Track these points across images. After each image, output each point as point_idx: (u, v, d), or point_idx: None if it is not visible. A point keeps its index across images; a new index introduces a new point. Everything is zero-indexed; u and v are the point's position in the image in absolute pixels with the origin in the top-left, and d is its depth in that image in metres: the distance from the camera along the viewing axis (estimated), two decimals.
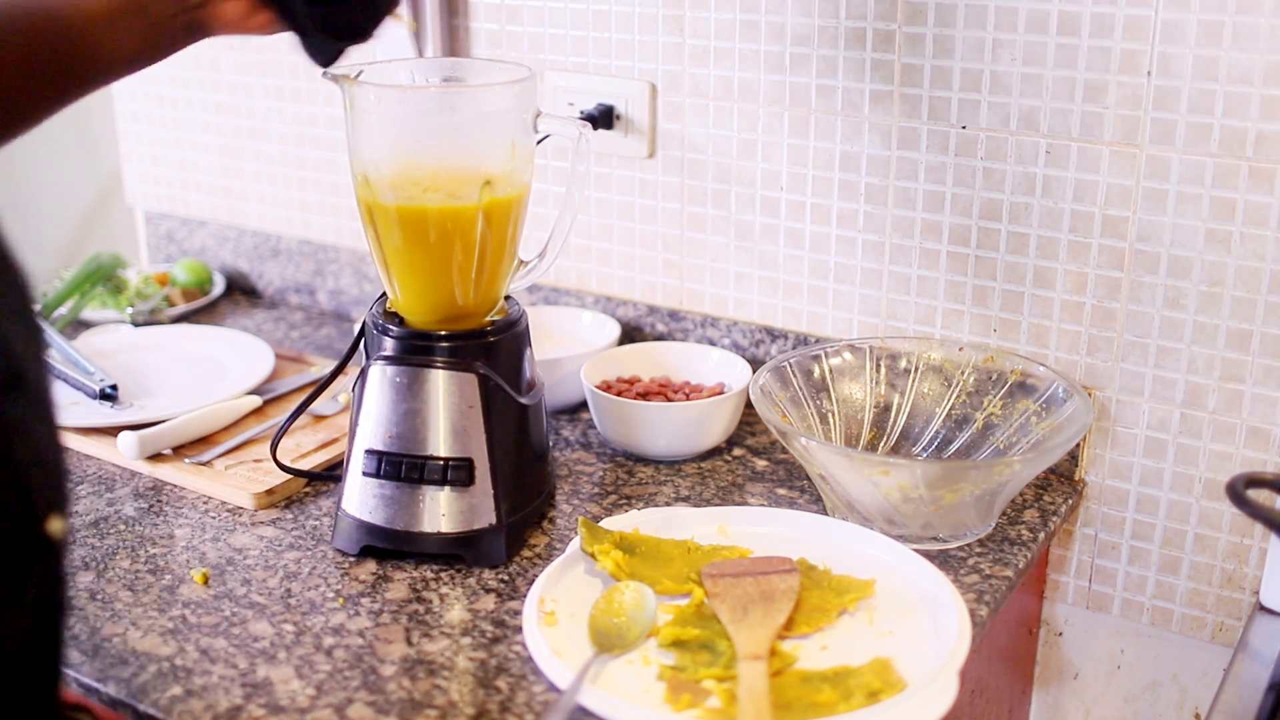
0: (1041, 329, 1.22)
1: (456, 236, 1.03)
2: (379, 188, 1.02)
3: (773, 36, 1.27)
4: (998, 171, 1.20)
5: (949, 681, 0.86)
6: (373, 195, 1.03)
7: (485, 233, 1.03)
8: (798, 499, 1.18)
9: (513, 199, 1.05)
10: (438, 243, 1.03)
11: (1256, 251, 1.10)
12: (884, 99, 1.24)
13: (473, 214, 1.02)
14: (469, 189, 1.02)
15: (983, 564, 1.07)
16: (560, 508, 1.16)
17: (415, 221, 1.02)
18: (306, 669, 0.93)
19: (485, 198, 1.02)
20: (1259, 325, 1.12)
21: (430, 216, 1.02)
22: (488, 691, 0.90)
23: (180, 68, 1.73)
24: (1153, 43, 1.10)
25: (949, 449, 1.20)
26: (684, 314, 1.42)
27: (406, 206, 1.02)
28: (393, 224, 1.03)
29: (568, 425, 1.33)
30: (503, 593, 1.02)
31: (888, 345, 1.24)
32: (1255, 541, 1.17)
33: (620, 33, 1.36)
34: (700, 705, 0.85)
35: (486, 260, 1.05)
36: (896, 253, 1.27)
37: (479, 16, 1.45)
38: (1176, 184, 1.12)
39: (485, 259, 1.05)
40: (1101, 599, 1.26)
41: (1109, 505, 1.23)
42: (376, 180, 1.02)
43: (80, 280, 1.63)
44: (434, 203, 1.02)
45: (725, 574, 0.98)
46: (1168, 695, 1.26)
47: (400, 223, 1.03)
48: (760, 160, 1.32)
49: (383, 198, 1.02)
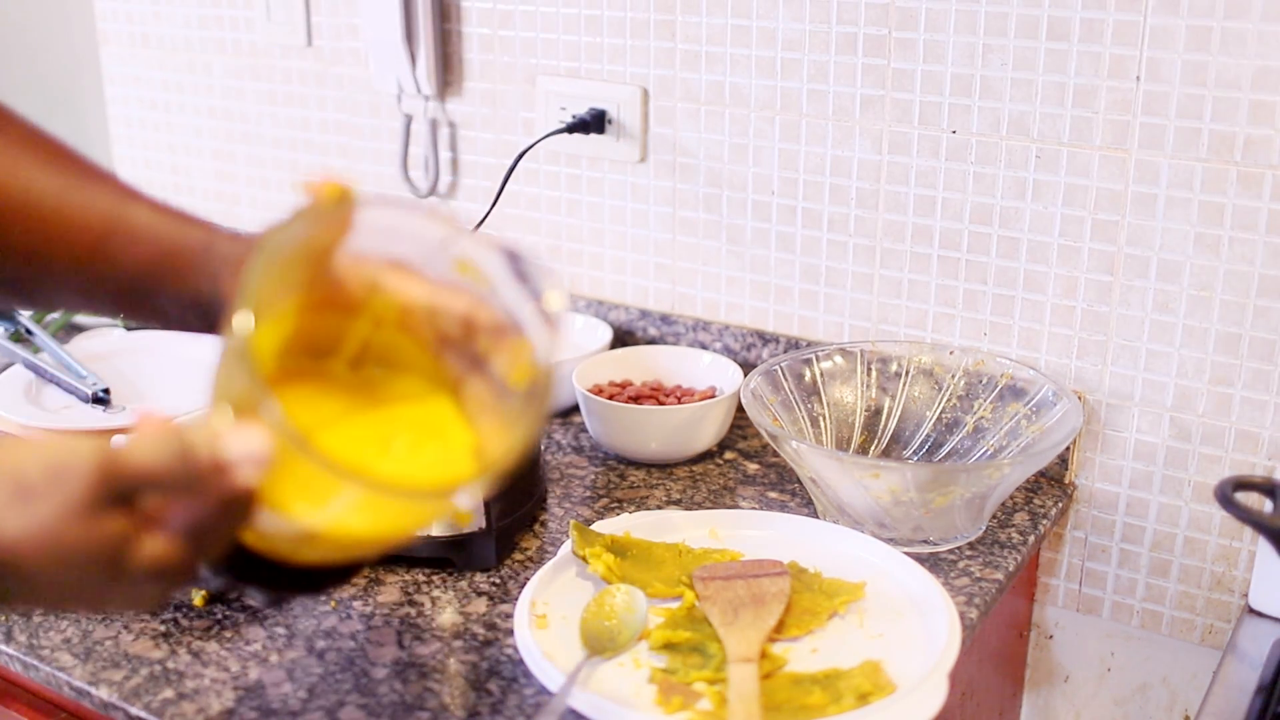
0: (1032, 333, 1.22)
1: None
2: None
3: (764, 41, 1.28)
4: (988, 176, 1.20)
5: (939, 684, 0.86)
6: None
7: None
8: (789, 502, 1.19)
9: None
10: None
11: (1245, 256, 1.10)
12: (875, 104, 1.24)
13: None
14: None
15: (973, 567, 1.07)
16: (552, 511, 1.16)
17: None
18: (298, 672, 0.93)
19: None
20: (1248, 329, 1.12)
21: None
22: (479, 694, 0.90)
23: (173, 72, 1.74)
24: (1142, 48, 1.10)
25: (939, 452, 1.20)
26: (675, 318, 1.42)
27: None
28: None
29: (559, 429, 1.33)
30: (494, 596, 1.02)
31: (879, 349, 1.24)
32: (1244, 544, 1.17)
33: (612, 37, 1.37)
34: (691, 708, 0.85)
35: None
36: (888, 257, 1.28)
37: (471, 21, 1.45)
38: (1166, 188, 1.12)
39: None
40: (1092, 602, 1.27)
41: (1099, 508, 1.23)
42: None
43: None
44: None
45: (716, 577, 0.98)
46: (1158, 698, 1.26)
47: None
48: (752, 165, 1.33)
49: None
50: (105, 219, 0.76)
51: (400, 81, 1.50)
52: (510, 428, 0.61)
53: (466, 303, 0.67)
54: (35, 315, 1.56)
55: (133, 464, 0.57)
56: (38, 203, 0.76)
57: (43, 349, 1.43)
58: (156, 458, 0.57)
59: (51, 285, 0.79)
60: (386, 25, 1.46)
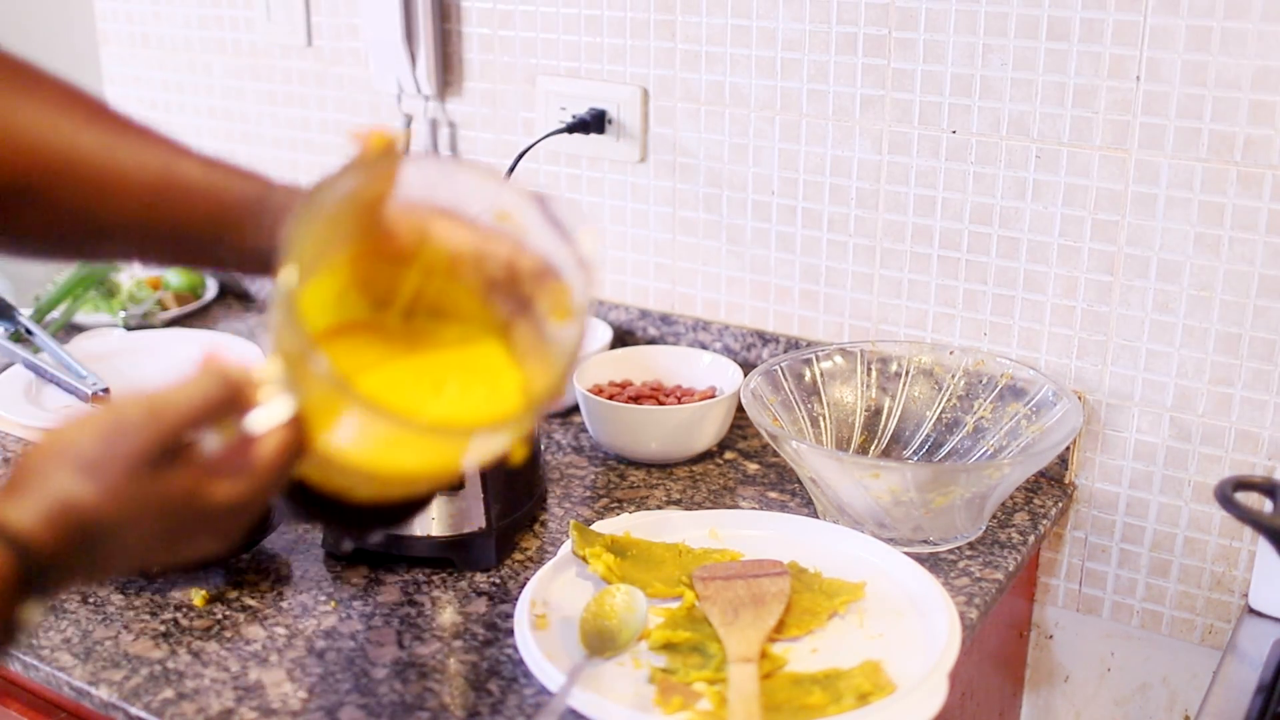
0: (1032, 333, 1.22)
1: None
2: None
3: (764, 41, 1.28)
4: (988, 176, 1.20)
5: (939, 684, 0.86)
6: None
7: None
8: (789, 502, 1.19)
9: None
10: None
11: (1245, 256, 1.10)
12: (875, 104, 1.24)
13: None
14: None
15: (973, 567, 1.07)
16: (552, 511, 1.16)
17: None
18: (298, 672, 0.93)
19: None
20: (1248, 329, 1.12)
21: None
22: (479, 694, 0.90)
23: (173, 72, 1.73)
24: (1142, 48, 1.10)
25: (939, 452, 1.20)
26: (675, 318, 1.42)
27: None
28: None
29: (560, 429, 1.33)
30: (494, 596, 1.02)
31: (879, 349, 1.24)
32: (1244, 544, 1.17)
33: (612, 37, 1.37)
34: (691, 708, 0.85)
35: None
36: (888, 257, 1.28)
37: (471, 21, 1.45)
38: (1166, 188, 1.12)
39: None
40: (1092, 602, 1.27)
41: (1099, 508, 1.23)
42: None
43: (73, 284, 1.63)
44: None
45: (716, 577, 0.98)
46: (1158, 697, 1.26)
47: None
48: (752, 165, 1.33)
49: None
50: (157, 175, 0.78)
51: (400, 81, 1.50)
52: (554, 365, 0.66)
53: (510, 249, 0.70)
54: (35, 315, 1.56)
55: (181, 407, 0.61)
56: (86, 161, 0.77)
57: (43, 349, 1.43)
58: (205, 396, 0.61)
59: (107, 241, 0.80)
60: (386, 25, 1.46)
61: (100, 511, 0.60)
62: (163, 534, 0.62)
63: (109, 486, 0.59)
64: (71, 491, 0.59)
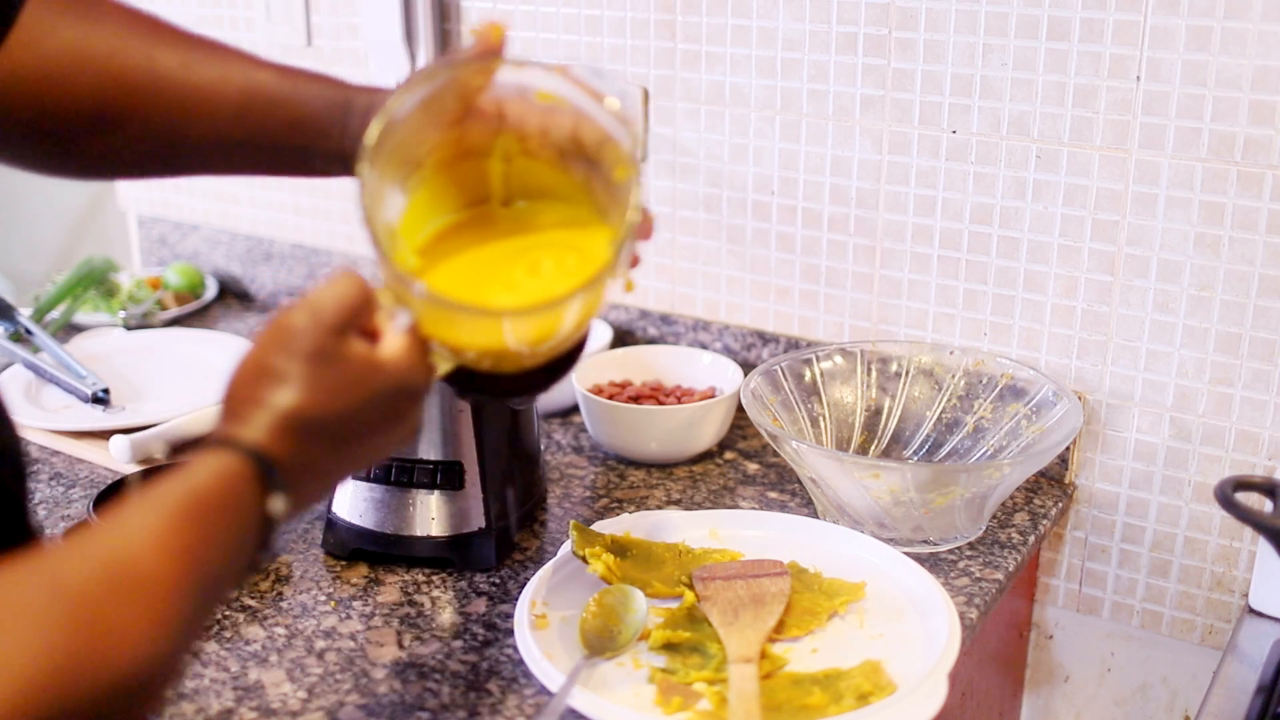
0: (1033, 333, 1.22)
1: None
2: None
3: (764, 41, 1.28)
4: (989, 176, 1.20)
5: (939, 684, 0.86)
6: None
7: None
8: (789, 502, 1.19)
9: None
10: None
11: (1245, 255, 1.10)
12: (875, 104, 1.24)
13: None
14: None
15: (973, 567, 1.07)
16: (552, 511, 1.16)
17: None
18: (298, 672, 0.93)
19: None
20: (1248, 329, 1.12)
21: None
22: (479, 694, 0.90)
23: None
24: (1142, 48, 1.10)
25: (940, 452, 1.20)
26: (675, 318, 1.42)
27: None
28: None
29: (560, 429, 1.33)
30: (494, 596, 1.02)
31: (879, 349, 1.24)
32: (1244, 545, 1.17)
33: (612, 37, 1.37)
34: (691, 708, 0.85)
35: None
36: (888, 257, 1.28)
37: (471, 21, 1.45)
38: (1166, 188, 1.12)
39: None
40: (1092, 602, 1.27)
41: (1099, 509, 1.23)
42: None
43: (73, 284, 1.63)
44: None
45: (716, 577, 0.98)
46: (1158, 698, 1.26)
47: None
48: (752, 164, 1.33)
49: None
50: (239, 89, 0.79)
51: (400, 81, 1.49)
52: (626, 214, 0.72)
53: (571, 120, 0.75)
54: (35, 315, 1.56)
55: (334, 304, 0.66)
56: (166, 80, 0.78)
57: (43, 349, 1.43)
58: (350, 295, 0.66)
59: (195, 156, 0.82)
60: (386, 25, 1.46)
61: (312, 406, 0.64)
62: (366, 408, 0.66)
63: (305, 383, 0.64)
64: (279, 400, 0.63)
